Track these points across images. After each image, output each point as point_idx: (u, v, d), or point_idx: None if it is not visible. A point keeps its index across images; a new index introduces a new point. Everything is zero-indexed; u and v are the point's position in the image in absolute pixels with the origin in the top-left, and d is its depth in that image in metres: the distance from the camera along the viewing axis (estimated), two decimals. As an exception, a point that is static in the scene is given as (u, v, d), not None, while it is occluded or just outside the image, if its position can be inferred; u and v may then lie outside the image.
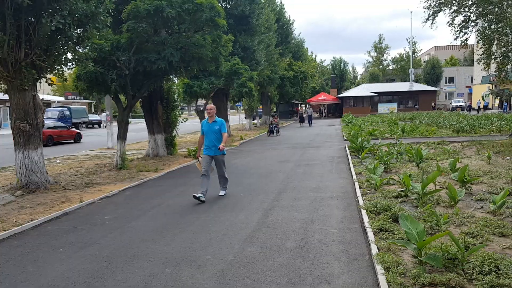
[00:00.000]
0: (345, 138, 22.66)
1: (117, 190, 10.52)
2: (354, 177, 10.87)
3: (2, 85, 10.43)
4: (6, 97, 10.20)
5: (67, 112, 40.90)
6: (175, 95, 17.98)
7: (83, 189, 10.70)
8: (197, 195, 8.90)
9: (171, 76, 16.22)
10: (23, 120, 10.09)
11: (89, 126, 47.01)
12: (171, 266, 5.45)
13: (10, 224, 7.59)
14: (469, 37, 17.05)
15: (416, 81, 68.58)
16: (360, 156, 14.38)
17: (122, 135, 14.33)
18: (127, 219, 7.87)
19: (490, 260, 4.77)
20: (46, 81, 10.89)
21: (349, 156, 15.00)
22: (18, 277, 5.25)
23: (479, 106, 54.40)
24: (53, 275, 5.28)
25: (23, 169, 10.23)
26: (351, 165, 12.78)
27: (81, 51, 11.06)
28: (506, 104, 44.64)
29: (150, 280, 5.02)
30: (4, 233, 7.05)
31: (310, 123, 39.37)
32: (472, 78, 67.96)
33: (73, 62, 11.20)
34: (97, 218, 7.98)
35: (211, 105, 9.45)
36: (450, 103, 65.11)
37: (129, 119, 15.22)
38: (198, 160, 9.49)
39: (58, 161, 16.90)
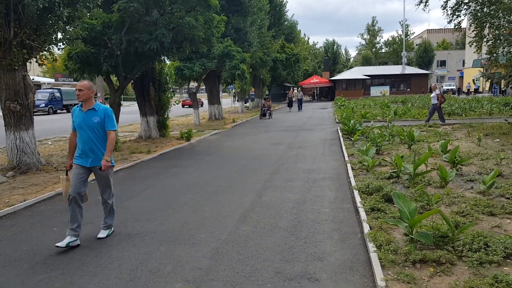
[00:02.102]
0: (337, 121, 22.73)
1: (110, 171, 10.47)
2: (347, 158, 10.94)
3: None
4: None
5: (58, 94, 40.39)
6: (167, 77, 17.80)
7: (76, 171, 10.64)
8: (65, 243, 5.33)
9: (163, 58, 16.03)
10: (13, 101, 9.94)
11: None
12: (166, 244, 5.49)
13: (2, 205, 7.55)
14: (462, 20, 17.04)
15: (408, 64, 68.54)
16: (352, 139, 14.47)
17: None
18: (121, 199, 7.87)
19: (479, 237, 4.87)
20: (36, 61, 10.71)
21: (342, 139, 15.08)
22: (12, 256, 5.25)
23: (468, 89, 54.70)
24: (48, 253, 5.29)
25: (14, 150, 10.13)
26: (344, 147, 12.86)
27: (71, 30, 10.85)
28: (496, 87, 44.94)
29: (145, 258, 5.06)
30: (-4, 213, 7.03)
31: (300, 108, 37.06)
32: (463, 61, 68.11)
33: (64, 42, 11.00)
34: (90, 199, 7.92)
35: (83, 83, 5.56)
36: (442, 86, 65.39)
37: (121, 102, 15.08)
38: (67, 174, 5.78)
39: (49, 142, 16.76)
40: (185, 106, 47.26)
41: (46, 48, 10.55)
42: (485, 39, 16.39)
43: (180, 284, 4.35)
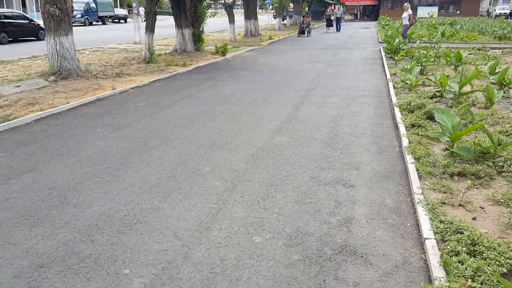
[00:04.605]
0: (380, 40, 21.62)
1: (147, 81, 10.60)
2: (388, 77, 10.54)
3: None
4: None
5: (93, 5, 39.90)
6: (204, -13, 17.06)
7: (114, 79, 10.82)
8: None
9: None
10: (52, 4, 9.89)
11: (115, 20, 46.12)
12: (204, 148, 5.64)
13: (46, 106, 7.86)
14: None
15: (461, -17, 62.56)
16: (395, 58, 13.80)
17: (150, 27, 14.02)
18: (159, 107, 8.02)
19: (522, 155, 4.71)
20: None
21: (384, 58, 14.42)
22: (60, 150, 5.57)
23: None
24: (93, 150, 5.57)
25: (55, 55, 10.31)
26: (386, 66, 12.33)
27: None
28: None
29: (184, 159, 5.24)
30: (42, 112, 7.35)
31: (338, 28, 32.46)
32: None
33: None
34: (130, 105, 8.16)
35: None
36: (494, 10, 59.93)
37: (156, 10, 14.73)
38: None
39: (87, 52, 16.94)
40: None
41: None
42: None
43: (218, 183, 4.52)
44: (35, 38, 22.63)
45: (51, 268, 3.05)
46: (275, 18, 36.22)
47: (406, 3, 19.46)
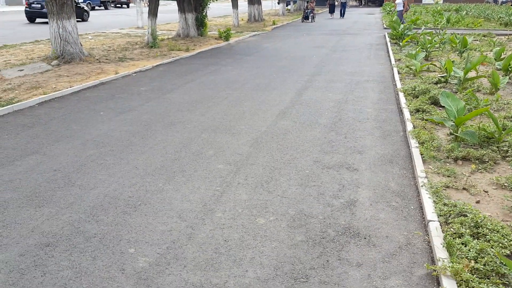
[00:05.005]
0: (385, 26, 21.40)
1: (150, 65, 10.55)
2: (393, 63, 10.45)
3: None
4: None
5: (95, -10, 39.54)
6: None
7: (117, 63, 10.78)
8: None
9: None
10: (54, -13, 9.80)
11: (117, 5, 45.76)
12: (207, 132, 5.63)
13: (50, 90, 7.85)
14: None
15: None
16: (400, 44, 13.67)
17: (153, 12, 13.90)
18: (162, 91, 7.99)
19: (528, 140, 4.68)
20: None
21: (389, 44, 14.29)
22: (64, 133, 5.58)
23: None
24: (97, 133, 5.57)
25: (58, 39, 10.25)
26: (390, 52, 12.23)
27: None
28: None
29: (188, 142, 5.24)
30: (45, 96, 7.35)
31: (342, 14, 30.98)
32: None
33: None
34: (133, 89, 8.14)
35: None
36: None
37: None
38: None
39: (90, 37, 16.84)
40: None
41: None
42: None
43: (222, 166, 4.52)
44: (80, 20, 22.94)
45: (56, 247, 3.08)
46: (278, 3, 35.82)
47: None
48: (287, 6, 38.15)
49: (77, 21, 10.86)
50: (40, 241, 3.15)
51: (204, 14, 17.30)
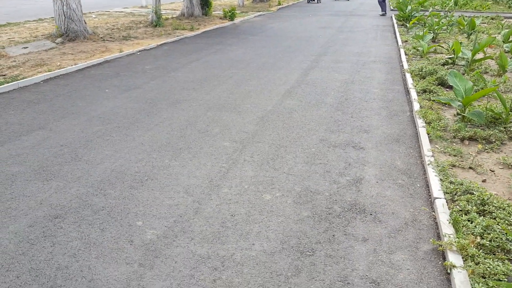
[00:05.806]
0: (392, 7, 21.08)
1: (155, 44, 10.47)
2: (400, 44, 10.33)
3: None
4: None
5: (98, -31, 39.01)
6: None
7: (122, 41, 10.70)
8: None
9: None
10: (57, -37, 9.67)
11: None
12: (213, 110, 5.62)
13: (54, 67, 7.82)
14: None
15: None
16: (407, 25, 13.49)
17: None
18: (167, 70, 7.95)
19: (537, 121, 4.65)
20: None
21: (396, 25, 14.09)
22: (69, 109, 5.58)
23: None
24: (102, 110, 5.57)
25: (62, 17, 10.17)
26: (397, 33, 12.07)
27: None
28: None
29: (193, 120, 5.23)
30: (50, 73, 7.32)
31: None
32: None
33: None
34: (138, 67, 8.09)
35: None
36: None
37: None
38: None
39: (93, 16, 16.69)
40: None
41: None
42: None
43: (228, 143, 4.53)
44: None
45: (65, 219, 3.11)
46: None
47: None
48: (292, -14, 37.43)
49: (81, -1, 10.75)
50: (49, 213, 3.19)
51: (209, -8, 17.08)
